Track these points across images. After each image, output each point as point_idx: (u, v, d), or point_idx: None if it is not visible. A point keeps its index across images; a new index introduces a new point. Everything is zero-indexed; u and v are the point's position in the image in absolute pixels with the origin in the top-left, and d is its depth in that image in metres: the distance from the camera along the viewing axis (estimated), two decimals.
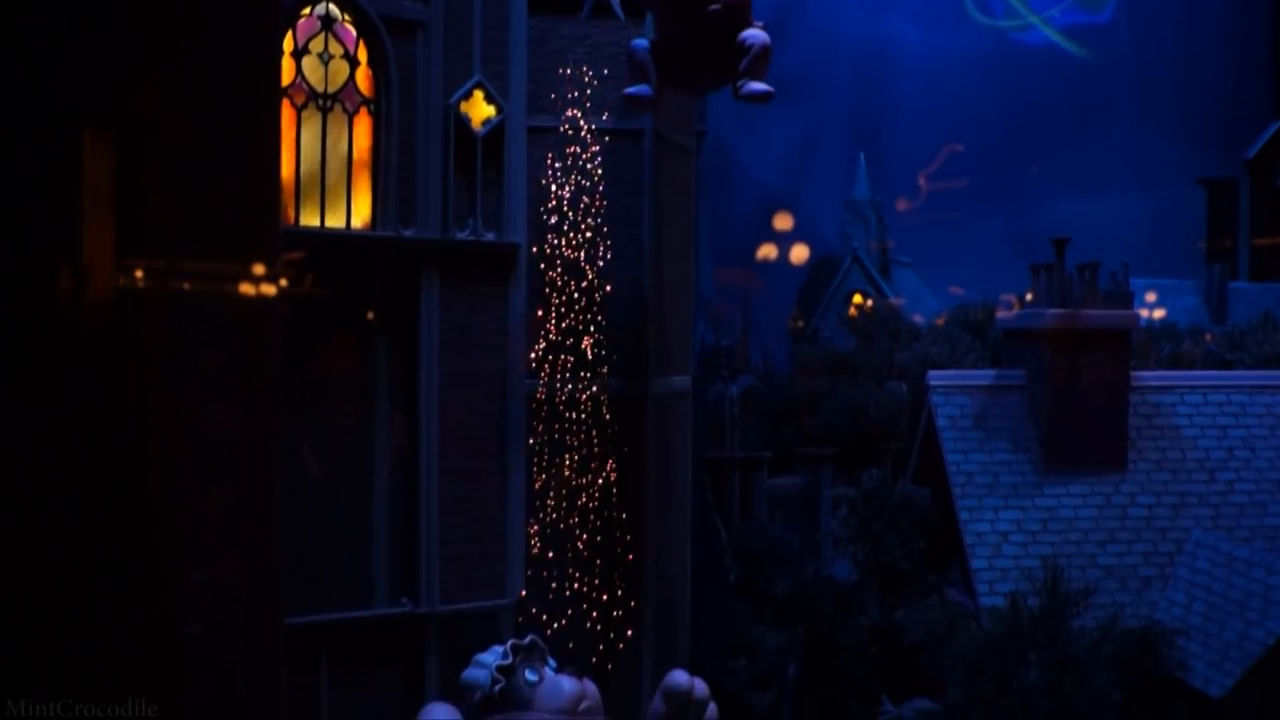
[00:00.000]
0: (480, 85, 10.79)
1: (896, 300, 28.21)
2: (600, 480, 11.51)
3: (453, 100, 10.63)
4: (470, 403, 10.86)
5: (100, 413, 2.60)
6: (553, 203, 11.44)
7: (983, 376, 14.90)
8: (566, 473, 11.41)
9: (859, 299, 29.63)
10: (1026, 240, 24.96)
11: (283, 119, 9.98)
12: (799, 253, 32.81)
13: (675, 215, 12.52)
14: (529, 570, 11.18)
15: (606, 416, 11.53)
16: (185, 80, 2.75)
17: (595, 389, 11.49)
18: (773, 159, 34.21)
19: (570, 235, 11.48)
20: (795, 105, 31.92)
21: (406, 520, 10.58)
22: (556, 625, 11.28)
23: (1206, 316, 25.99)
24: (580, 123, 11.49)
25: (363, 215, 10.47)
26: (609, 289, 11.59)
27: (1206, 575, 12.52)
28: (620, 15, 11.34)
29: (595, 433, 11.50)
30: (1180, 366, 18.68)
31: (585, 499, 11.48)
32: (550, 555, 11.33)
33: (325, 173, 10.28)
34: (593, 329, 11.52)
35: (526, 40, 11.13)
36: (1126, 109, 35.77)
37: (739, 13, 9.66)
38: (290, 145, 10.09)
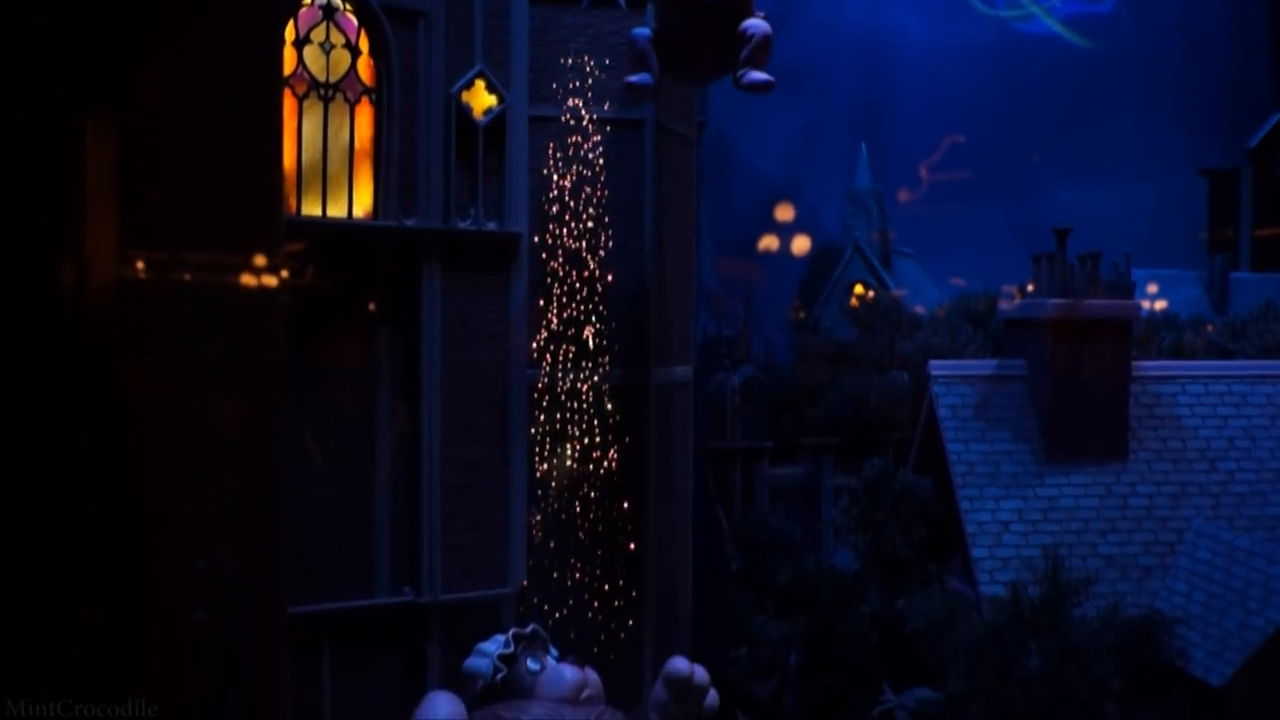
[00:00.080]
0: (482, 75, 10.78)
1: (898, 291, 28.14)
2: (602, 470, 11.52)
3: (454, 90, 10.62)
4: (472, 392, 10.86)
5: (103, 403, 2.61)
6: (554, 192, 11.43)
7: (984, 366, 14.92)
8: (568, 462, 11.42)
9: (860, 289, 29.62)
10: (1028, 230, 24.92)
11: (284, 108, 9.97)
12: (800, 243, 32.77)
13: (677, 205, 12.51)
14: (531, 559, 11.20)
15: (608, 406, 11.54)
16: (187, 69, 2.75)
17: (597, 379, 11.50)
18: (774, 149, 34.14)
19: (572, 225, 11.47)
20: (797, 95, 31.84)
21: (408, 509, 10.60)
22: (558, 614, 11.30)
23: (1208, 307, 25.93)
24: (582, 112, 11.49)
25: (364, 205, 10.47)
26: (610, 279, 11.58)
27: (1207, 564, 12.54)
28: (621, 4, 11.34)
29: (597, 422, 11.51)
30: (1181, 356, 18.68)
31: (587, 488, 11.49)
32: (552, 545, 11.35)
33: (327, 162, 10.28)
34: (594, 319, 11.53)
35: (528, 29, 11.12)
36: (1128, 99, 35.69)
37: (740, 2, 9.66)
38: (292, 135, 10.08)
